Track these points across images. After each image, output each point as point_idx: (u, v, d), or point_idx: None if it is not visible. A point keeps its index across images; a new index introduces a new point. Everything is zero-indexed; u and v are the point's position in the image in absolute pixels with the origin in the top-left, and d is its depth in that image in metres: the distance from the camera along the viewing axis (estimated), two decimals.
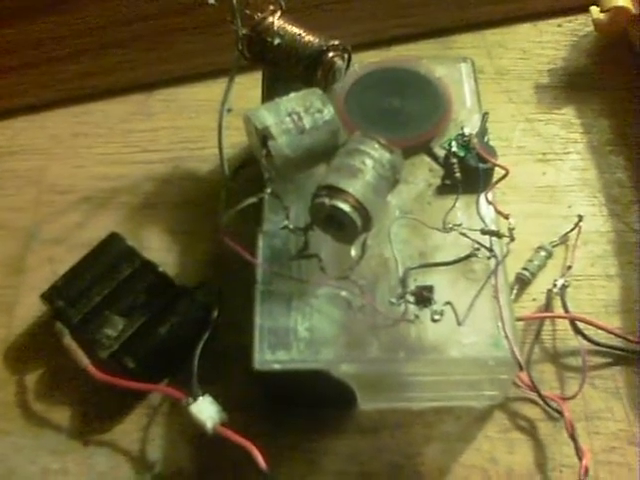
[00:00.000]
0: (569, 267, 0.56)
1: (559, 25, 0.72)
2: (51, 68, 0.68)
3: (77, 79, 0.69)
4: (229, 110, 0.53)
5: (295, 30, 0.54)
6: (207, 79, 0.69)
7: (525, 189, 0.61)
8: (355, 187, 0.45)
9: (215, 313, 0.52)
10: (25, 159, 0.66)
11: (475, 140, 0.51)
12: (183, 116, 0.68)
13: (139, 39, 0.67)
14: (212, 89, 0.67)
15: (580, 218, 0.57)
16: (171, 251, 0.59)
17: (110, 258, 0.55)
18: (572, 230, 0.57)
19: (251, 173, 0.54)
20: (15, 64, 0.67)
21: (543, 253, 0.56)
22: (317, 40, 0.54)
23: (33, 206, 0.63)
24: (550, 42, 0.71)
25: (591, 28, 0.67)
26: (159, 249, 0.59)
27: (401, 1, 0.69)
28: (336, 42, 0.54)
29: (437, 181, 0.52)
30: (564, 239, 0.57)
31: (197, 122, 0.67)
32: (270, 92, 0.55)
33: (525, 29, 0.72)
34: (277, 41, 0.54)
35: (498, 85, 0.67)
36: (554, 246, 0.57)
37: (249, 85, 0.56)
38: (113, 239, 0.56)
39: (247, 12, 0.54)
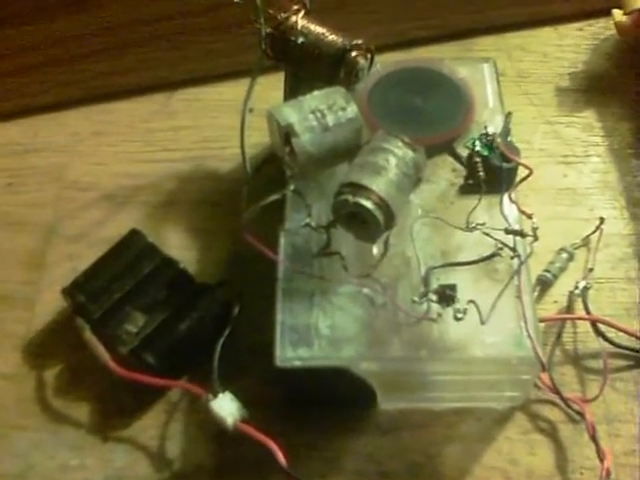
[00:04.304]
0: (590, 269, 0.55)
1: (580, 29, 0.72)
2: (73, 67, 0.68)
3: (99, 78, 0.69)
4: (251, 110, 0.53)
5: (318, 29, 0.55)
6: (229, 79, 0.69)
7: (546, 191, 0.61)
8: (378, 184, 0.45)
9: (236, 310, 0.52)
10: (46, 156, 0.67)
11: (499, 139, 0.51)
12: (205, 116, 0.68)
13: (162, 38, 0.67)
14: (234, 89, 0.67)
15: (601, 221, 0.57)
16: (191, 249, 0.59)
17: (131, 254, 0.55)
18: (593, 233, 0.57)
19: (272, 173, 0.53)
20: (37, 62, 0.68)
21: (564, 255, 0.56)
22: (340, 39, 0.54)
23: (54, 202, 0.63)
24: (571, 46, 0.71)
25: (612, 32, 0.68)
26: (179, 247, 0.59)
27: (422, 3, 0.69)
28: (359, 42, 0.54)
29: (460, 181, 0.53)
30: (585, 241, 0.57)
31: (219, 122, 0.67)
32: (292, 93, 0.55)
33: (546, 32, 0.72)
34: (300, 40, 0.54)
35: (519, 88, 0.67)
36: (575, 248, 0.56)
37: (271, 86, 0.56)
38: (134, 236, 0.56)
39: (270, 12, 0.54)
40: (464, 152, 0.53)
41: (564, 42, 0.71)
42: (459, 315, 0.46)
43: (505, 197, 0.50)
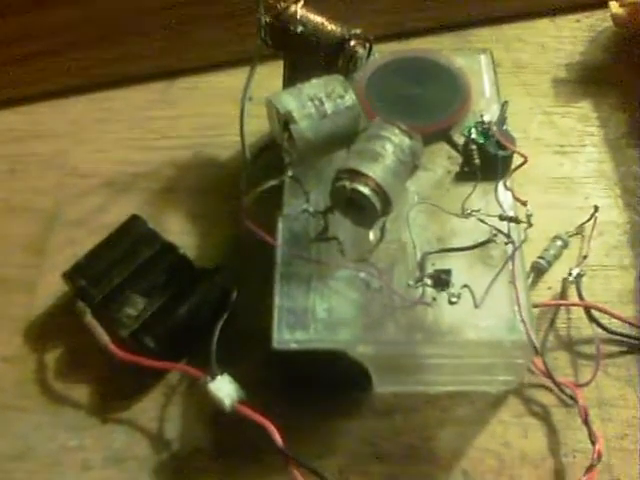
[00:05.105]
0: (584, 257, 0.56)
1: (577, 20, 0.73)
2: (74, 54, 0.69)
3: (99, 66, 0.70)
4: (250, 98, 0.53)
5: (317, 19, 0.55)
6: (229, 68, 0.70)
7: (542, 180, 0.61)
8: (375, 171, 0.46)
9: (234, 295, 0.53)
10: (48, 143, 0.68)
11: (494, 127, 0.52)
12: (204, 104, 0.69)
13: (163, 27, 0.68)
14: (233, 78, 0.68)
15: (596, 209, 0.57)
16: (190, 235, 0.60)
17: (131, 239, 0.56)
18: (588, 221, 0.57)
19: (271, 160, 0.54)
20: (38, 50, 0.68)
21: (559, 243, 0.56)
22: (339, 29, 0.55)
23: (55, 189, 0.64)
24: (568, 37, 0.71)
25: (609, 24, 0.68)
26: (178, 232, 0.60)
27: None
28: (358, 31, 0.54)
29: (456, 168, 0.53)
30: (580, 229, 0.58)
31: (218, 110, 0.67)
32: (291, 82, 0.55)
33: (543, 24, 0.73)
34: (299, 29, 0.54)
35: (516, 78, 0.68)
36: (570, 236, 0.57)
37: (270, 75, 0.56)
38: (134, 221, 0.57)
39: (270, 1, 0.54)
40: (460, 140, 0.53)
41: (561, 33, 0.72)
42: (453, 299, 0.46)
43: (500, 184, 0.51)
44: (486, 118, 0.53)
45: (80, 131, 0.68)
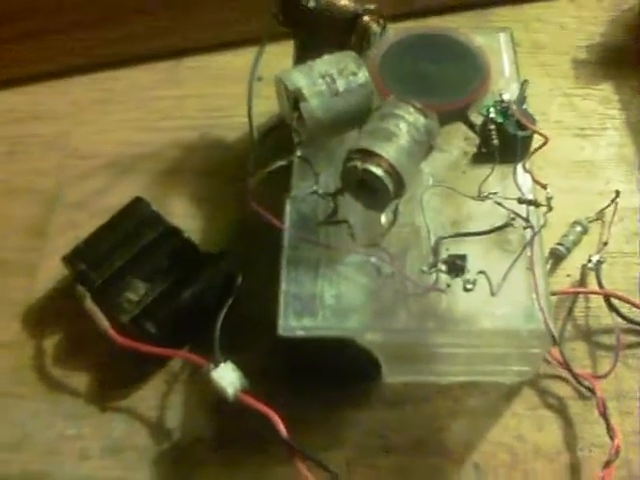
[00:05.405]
0: (605, 243, 0.54)
1: (599, 0, 0.70)
2: (77, 34, 0.67)
3: (103, 46, 0.68)
4: (260, 78, 0.51)
5: None
6: (237, 47, 0.68)
7: (562, 164, 0.60)
8: (389, 151, 0.44)
9: (239, 280, 0.51)
10: (49, 124, 0.66)
11: (514, 106, 0.50)
12: (212, 84, 0.67)
13: (169, 7, 0.66)
14: (242, 57, 0.66)
15: (617, 194, 0.55)
16: (195, 218, 0.58)
17: (134, 222, 0.54)
18: (608, 206, 0.56)
19: (280, 140, 0.52)
20: (42, 28, 0.67)
21: (579, 228, 0.55)
22: (352, 4, 0.53)
23: (57, 170, 0.63)
24: (589, 18, 0.70)
25: (634, 1, 0.66)
26: (183, 215, 0.58)
27: None
28: (372, 7, 0.52)
29: (473, 149, 0.51)
30: (600, 215, 0.56)
31: (225, 90, 0.66)
32: (301, 61, 0.53)
33: (563, 4, 0.71)
34: (312, 4, 0.52)
35: (535, 59, 0.66)
36: (590, 222, 0.55)
37: (280, 55, 0.54)
38: (138, 203, 0.55)
39: None
40: (478, 120, 0.51)
41: (582, 14, 0.70)
42: (469, 286, 0.44)
43: (519, 166, 0.49)
44: (505, 97, 0.51)
45: (82, 111, 0.67)
